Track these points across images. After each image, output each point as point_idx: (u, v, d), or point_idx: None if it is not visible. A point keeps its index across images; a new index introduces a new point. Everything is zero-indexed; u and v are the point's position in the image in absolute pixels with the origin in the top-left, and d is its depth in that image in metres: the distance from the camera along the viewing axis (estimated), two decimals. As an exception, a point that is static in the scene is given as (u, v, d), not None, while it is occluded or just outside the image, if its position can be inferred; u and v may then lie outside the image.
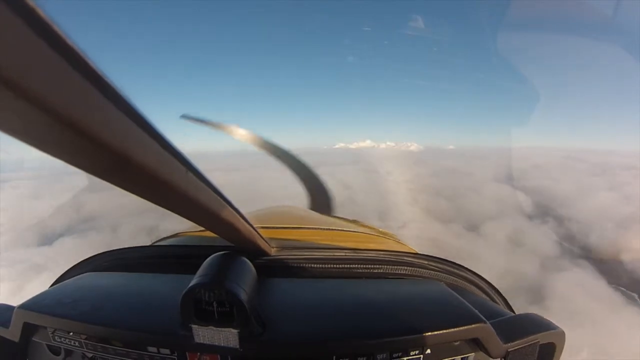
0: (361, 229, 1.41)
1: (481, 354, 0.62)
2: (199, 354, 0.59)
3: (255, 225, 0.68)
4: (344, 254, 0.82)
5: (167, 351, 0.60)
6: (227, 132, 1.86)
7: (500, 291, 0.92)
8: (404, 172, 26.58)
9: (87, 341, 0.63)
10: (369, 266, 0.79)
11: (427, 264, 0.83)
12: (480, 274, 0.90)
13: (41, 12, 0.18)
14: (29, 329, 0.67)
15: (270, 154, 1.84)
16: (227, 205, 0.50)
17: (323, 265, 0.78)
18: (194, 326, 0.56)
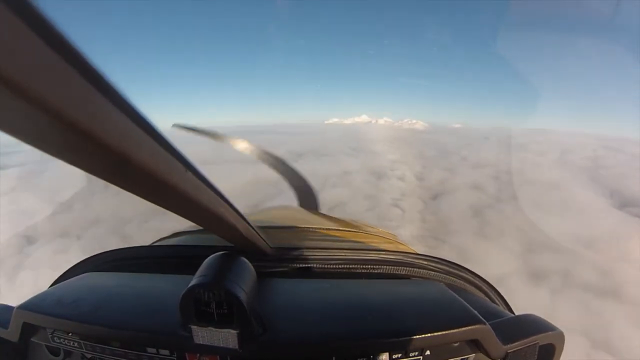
0: (361, 229, 1.38)
1: (481, 355, 0.61)
2: (198, 354, 0.58)
3: (255, 225, 0.67)
4: (343, 254, 0.81)
5: (167, 352, 0.60)
6: (221, 141, 1.79)
7: (500, 292, 0.90)
8: (437, 173, 15.92)
9: (86, 342, 0.63)
10: (369, 266, 0.79)
11: (427, 264, 0.83)
12: (480, 274, 0.88)
13: (41, 12, 0.18)
14: (28, 330, 0.67)
15: (266, 163, 1.83)
16: (227, 205, 0.50)
17: (323, 266, 0.79)
18: (194, 327, 0.55)
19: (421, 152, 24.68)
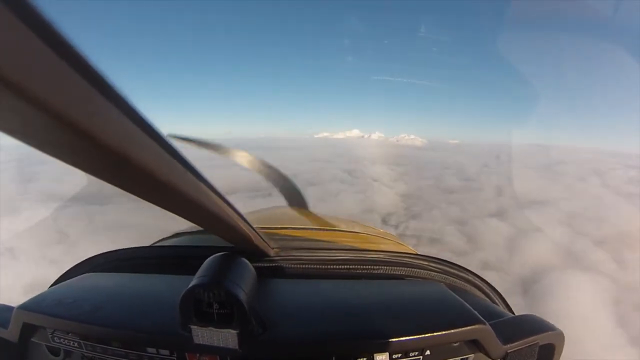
0: (361, 230, 1.38)
1: (480, 355, 0.61)
2: (198, 354, 0.58)
3: (255, 226, 0.67)
4: (344, 254, 0.81)
5: (167, 352, 0.60)
6: (219, 153, 1.70)
7: (500, 292, 0.90)
8: (488, 225, 11.10)
9: (86, 342, 0.63)
10: (369, 267, 0.79)
11: (427, 264, 0.83)
12: (480, 275, 0.87)
13: (41, 12, 0.18)
14: (28, 330, 0.67)
15: (263, 175, 1.80)
16: (227, 206, 0.50)
17: (323, 266, 0.78)
18: (194, 327, 0.55)
19: (439, 180, 18.90)
